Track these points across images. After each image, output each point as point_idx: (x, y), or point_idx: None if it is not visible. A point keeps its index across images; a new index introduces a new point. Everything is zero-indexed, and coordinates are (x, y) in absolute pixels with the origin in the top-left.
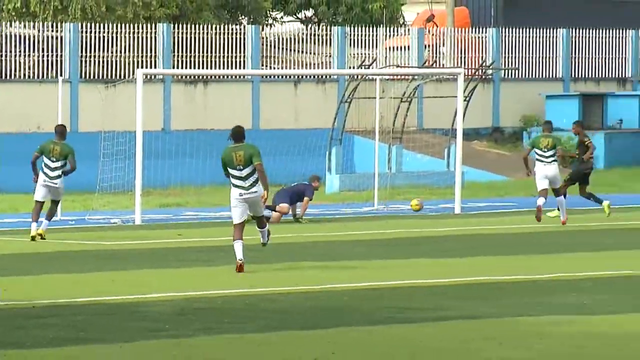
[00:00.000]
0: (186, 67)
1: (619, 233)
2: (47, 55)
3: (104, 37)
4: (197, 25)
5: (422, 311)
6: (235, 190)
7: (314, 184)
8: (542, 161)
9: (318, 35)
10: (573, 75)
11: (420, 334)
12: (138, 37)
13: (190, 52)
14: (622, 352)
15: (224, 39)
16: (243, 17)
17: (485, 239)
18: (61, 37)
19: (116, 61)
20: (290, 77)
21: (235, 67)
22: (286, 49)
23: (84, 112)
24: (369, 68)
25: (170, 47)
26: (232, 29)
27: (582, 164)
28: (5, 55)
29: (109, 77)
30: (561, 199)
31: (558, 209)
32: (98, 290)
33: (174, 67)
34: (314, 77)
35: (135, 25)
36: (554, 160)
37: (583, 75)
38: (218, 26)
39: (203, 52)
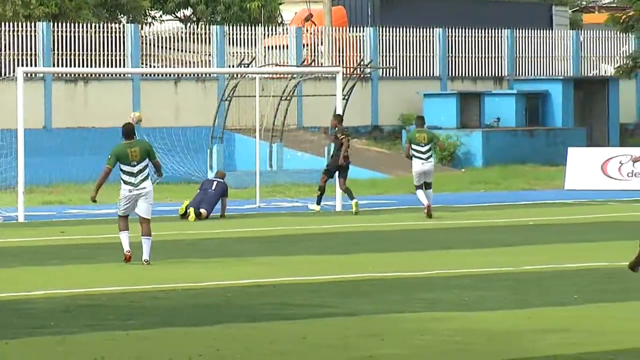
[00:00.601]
0: (66, 66)
1: (498, 230)
2: None
3: None
4: (76, 24)
5: (305, 308)
6: (125, 186)
7: (224, 180)
8: (420, 158)
9: (197, 34)
10: (450, 74)
11: (303, 331)
12: (18, 36)
13: (71, 51)
14: (503, 348)
15: (103, 37)
16: (122, 15)
17: (366, 236)
18: None
19: None
20: (170, 75)
21: (116, 66)
22: (166, 48)
23: None
24: (248, 67)
25: (50, 46)
26: (111, 28)
27: (336, 158)
28: None
29: None
30: (429, 192)
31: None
32: None
33: (54, 66)
34: (194, 75)
35: (15, 24)
36: (430, 156)
37: (460, 74)
38: (97, 25)
39: (83, 50)
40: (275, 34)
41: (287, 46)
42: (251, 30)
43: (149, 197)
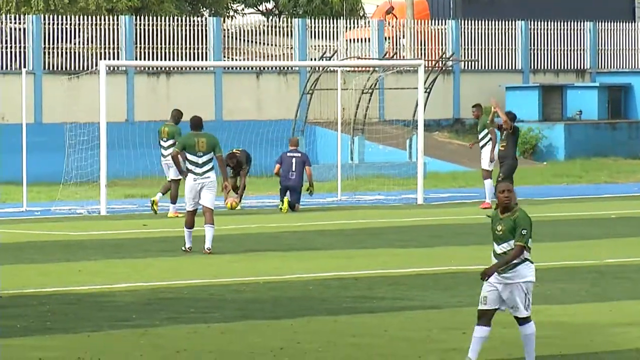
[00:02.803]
0: (149, 59)
1: (580, 223)
2: (11, 47)
3: (66, 28)
4: (159, 17)
5: (386, 301)
6: (189, 175)
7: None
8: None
9: (279, 27)
10: (532, 67)
11: (384, 324)
12: (100, 29)
13: (153, 44)
14: (585, 342)
15: (185, 30)
16: (204, 9)
17: (448, 229)
18: (24, 29)
19: (79, 53)
20: (252, 68)
21: (198, 59)
22: (248, 41)
23: (48, 103)
24: (330, 60)
25: (133, 39)
26: (193, 21)
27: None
28: None
29: (72, 68)
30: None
31: None
32: (64, 280)
33: (136, 59)
34: (276, 68)
35: (98, 17)
36: (488, 142)
37: (542, 67)
38: (179, 18)
39: (165, 43)
40: (357, 27)
41: (369, 39)
42: (333, 23)
43: (212, 188)
